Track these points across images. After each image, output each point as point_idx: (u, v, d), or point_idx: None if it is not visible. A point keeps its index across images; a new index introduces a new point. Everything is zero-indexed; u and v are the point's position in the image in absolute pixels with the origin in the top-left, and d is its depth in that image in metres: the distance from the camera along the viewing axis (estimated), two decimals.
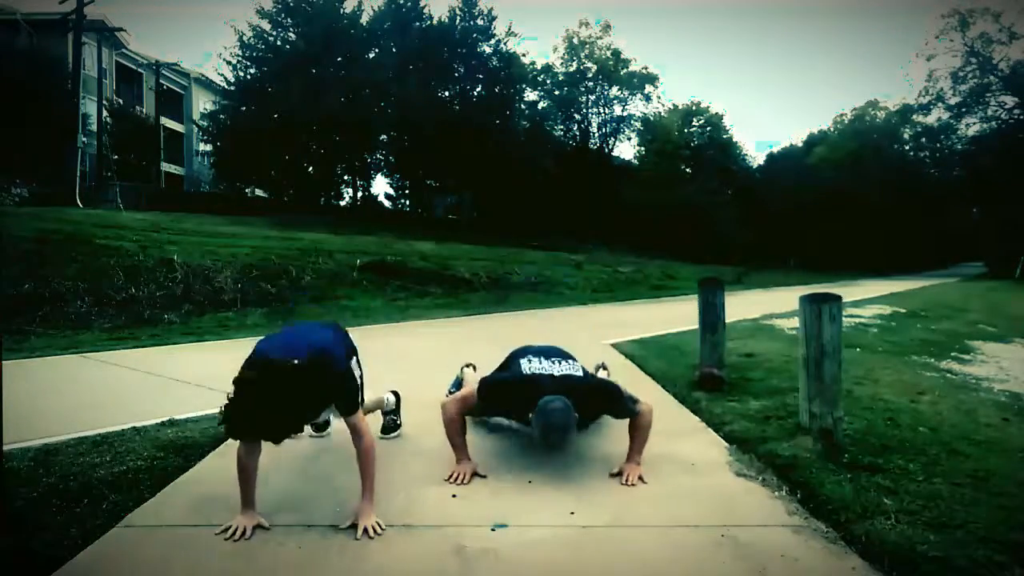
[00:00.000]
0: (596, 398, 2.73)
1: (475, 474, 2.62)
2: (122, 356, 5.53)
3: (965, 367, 5.31)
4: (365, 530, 2.05)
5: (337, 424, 2.35)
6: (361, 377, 2.59)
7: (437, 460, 2.81)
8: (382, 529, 2.08)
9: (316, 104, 23.57)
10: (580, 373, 2.76)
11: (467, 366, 3.80)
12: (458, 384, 3.72)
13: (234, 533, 2.05)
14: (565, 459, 2.79)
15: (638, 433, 2.71)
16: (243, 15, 50.46)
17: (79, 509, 2.21)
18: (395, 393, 3.25)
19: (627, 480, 2.58)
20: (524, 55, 32.18)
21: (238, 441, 2.17)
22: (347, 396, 2.22)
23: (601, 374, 3.75)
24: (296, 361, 1.99)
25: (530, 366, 2.74)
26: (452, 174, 28.45)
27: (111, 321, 7.39)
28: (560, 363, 2.79)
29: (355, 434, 2.21)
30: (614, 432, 3.21)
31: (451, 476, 2.58)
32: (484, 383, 2.76)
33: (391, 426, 3.18)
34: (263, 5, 24.82)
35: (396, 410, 3.22)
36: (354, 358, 2.56)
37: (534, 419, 2.53)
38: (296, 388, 1.94)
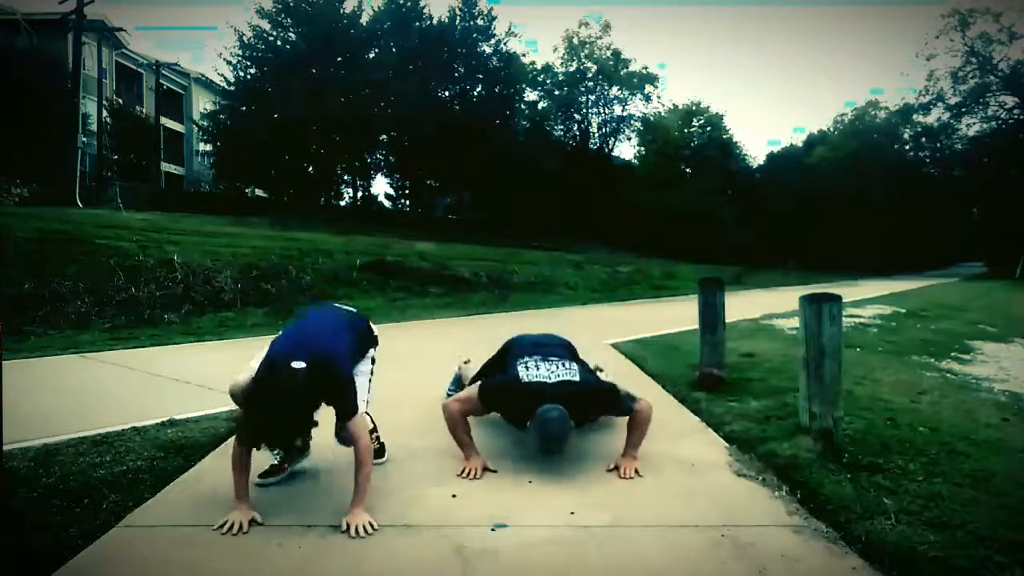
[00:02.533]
0: (594, 401, 2.77)
1: (486, 468, 2.68)
2: (122, 356, 5.53)
3: (965, 367, 5.31)
4: (357, 529, 2.04)
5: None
6: (372, 372, 2.60)
7: (437, 460, 2.81)
8: (374, 528, 2.07)
9: (316, 104, 23.58)
10: (577, 377, 2.76)
11: (465, 362, 3.81)
12: (457, 381, 3.72)
13: (230, 528, 2.05)
14: (565, 459, 2.79)
15: (636, 428, 2.76)
16: (235, 16, 50.44)
17: (79, 509, 2.21)
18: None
19: (624, 473, 2.63)
20: (524, 55, 32.24)
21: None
22: (346, 401, 2.22)
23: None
24: (297, 365, 2.04)
25: (528, 373, 2.76)
26: (452, 174, 28.46)
27: (111, 321, 7.39)
28: (558, 366, 2.80)
29: (353, 439, 2.20)
30: (614, 432, 3.21)
31: (463, 471, 2.64)
32: (484, 388, 2.79)
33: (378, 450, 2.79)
34: (263, 5, 24.86)
35: (374, 430, 2.83)
36: (371, 351, 2.60)
37: (532, 427, 2.60)
38: (297, 392, 2.00)
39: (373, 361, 2.63)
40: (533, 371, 2.76)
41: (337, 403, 2.21)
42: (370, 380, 2.58)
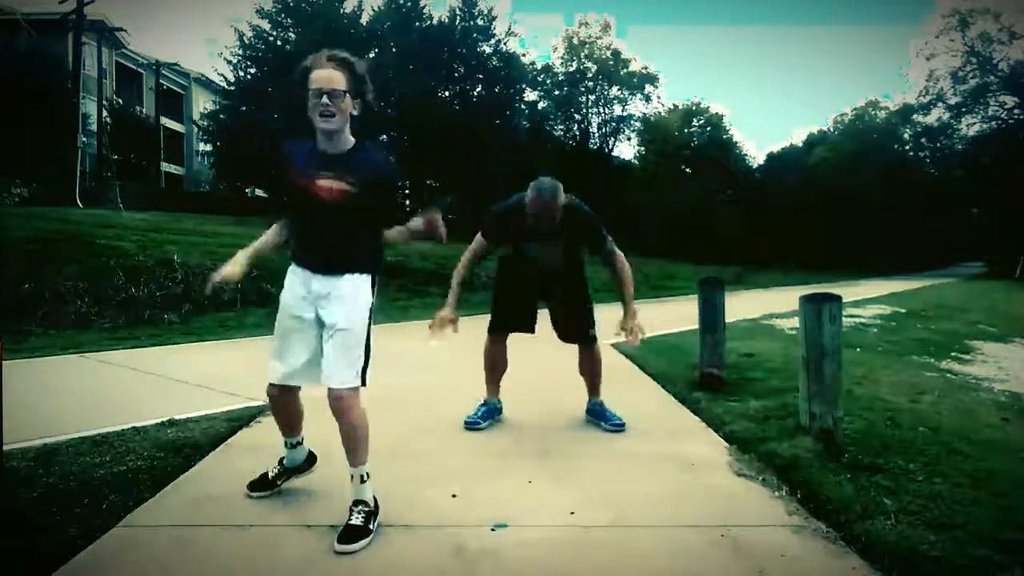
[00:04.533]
0: (584, 222, 3.11)
1: (452, 323, 3.06)
2: (122, 356, 5.53)
3: (965, 367, 5.31)
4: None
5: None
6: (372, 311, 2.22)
7: (437, 460, 2.81)
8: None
9: None
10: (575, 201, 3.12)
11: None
12: (485, 409, 3.46)
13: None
14: (565, 459, 2.79)
15: (622, 276, 3.16)
16: (227, 17, 50.44)
17: (79, 509, 2.21)
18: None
19: (635, 337, 3.07)
20: (524, 55, 32.22)
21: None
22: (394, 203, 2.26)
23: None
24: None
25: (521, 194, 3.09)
26: (452, 174, 28.44)
27: (111, 321, 7.39)
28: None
29: (340, 411, 2.07)
30: (615, 434, 3.21)
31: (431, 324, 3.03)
32: (483, 224, 3.25)
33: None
34: (263, 5, 24.85)
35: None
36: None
37: (528, 193, 2.98)
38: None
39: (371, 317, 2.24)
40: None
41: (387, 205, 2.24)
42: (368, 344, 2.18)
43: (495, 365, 3.42)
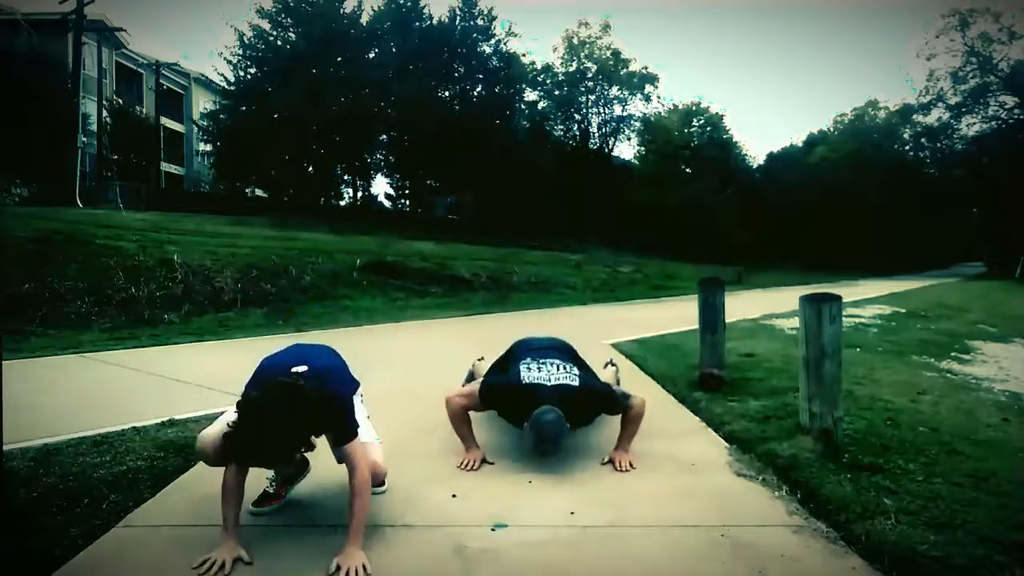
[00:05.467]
0: (589, 403, 2.84)
1: (484, 461, 2.76)
2: (122, 356, 5.53)
3: (965, 367, 5.31)
4: (349, 573, 1.81)
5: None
6: (363, 402, 2.40)
7: (437, 460, 2.81)
8: (368, 573, 1.83)
9: (316, 104, 23.58)
10: (575, 381, 2.80)
11: (479, 360, 3.84)
12: (470, 378, 3.72)
13: (211, 567, 1.82)
14: (565, 458, 2.79)
15: (630, 423, 2.86)
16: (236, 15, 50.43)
17: (79, 509, 2.21)
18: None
19: (619, 466, 2.72)
20: (524, 55, 32.23)
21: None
22: (345, 422, 2.03)
23: (609, 370, 3.80)
24: (300, 369, 1.97)
25: (528, 375, 2.82)
26: (452, 174, 28.45)
27: (111, 321, 7.39)
28: (558, 368, 2.86)
29: (350, 467, 1.98)
30: (614, 430, 3.21)
31: (462, 463, 2.73)
32: (485, 386, 2.89)
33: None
34: (263, 5, 24.86)
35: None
36: (359, 389, 2.39)
37: (529, 428, 2.68)
38: (301, 406, 1.84)
39: (362, 399, 2.41)
40: (534, 372, 2.82)
41: (334, 425, 1.99)
42: (367, 417, 2.35)
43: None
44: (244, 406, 1.85)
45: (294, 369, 2.03)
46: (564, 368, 2.86)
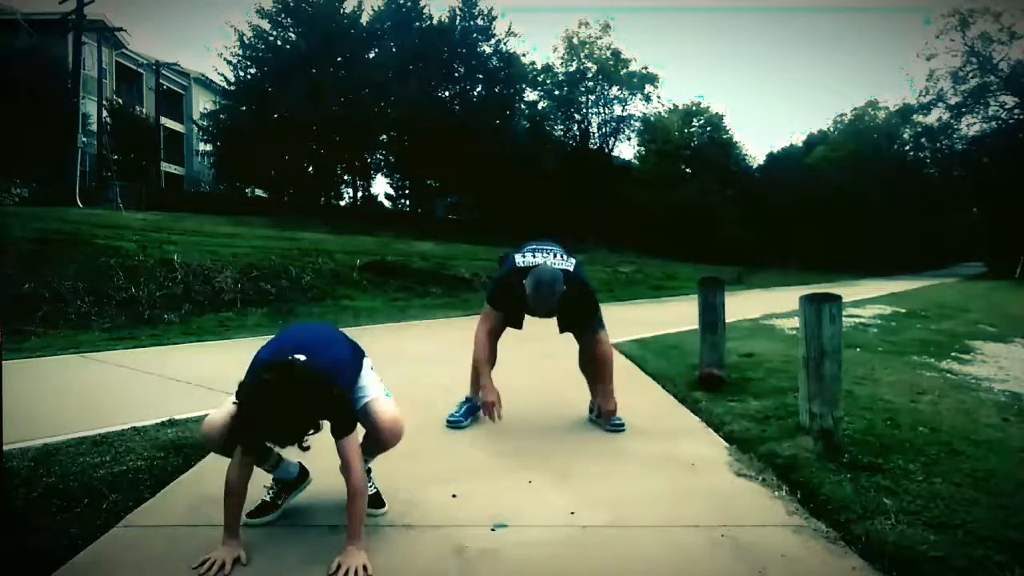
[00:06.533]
0: (580, 294, 3.11)
1: (498, 403, 3.06)
2: (122, 356, 5.53)
3: (965, 367, 5.31)
4: (348, 573, 1.79)
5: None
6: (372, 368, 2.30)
7: (437, 460, 2.81)
8: (368, 573, 1.82)
9: (316, 104, 23.59)
10: (571, 267, 3.11)
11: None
12: (467, 406, 3.51)
13: (211, 567, 1.81)
14: (565, 459, 2.79)
15: (603, 365, 3.16)
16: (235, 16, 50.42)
17: (79, 509, 2.21)
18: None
19: (612, 413, 3.06)
20: (524, 55, 32.22)
21: (228, 458, 1.98)
22: (342, 413, 1.98)
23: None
24: (300, 357, 1.93)
25: (523, 260, 3.09)
26: (452, 174, 28.45)
27: (111, 321, 7.39)
28: (555, 256, 3.15)
29: (345, 466, 1.95)
30: (615, 434, 3.21)
31: (482, 408, 3.12)
32: (491, 291, 3.22)
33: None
34: (263, 5, 24.86)
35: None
36: (366, 359, 2.32)
37: (528, 281, 2.95)
38: (300, 382, 1.81)
39: (372, 367, 2.36)
40: (530, 258, 3.09)
41: (331, 411, 1.95)
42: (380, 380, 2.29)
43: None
44: (245, 388, 1.82)
45: (292, 356, 1.98)
46: (561, 257, 3.13)
